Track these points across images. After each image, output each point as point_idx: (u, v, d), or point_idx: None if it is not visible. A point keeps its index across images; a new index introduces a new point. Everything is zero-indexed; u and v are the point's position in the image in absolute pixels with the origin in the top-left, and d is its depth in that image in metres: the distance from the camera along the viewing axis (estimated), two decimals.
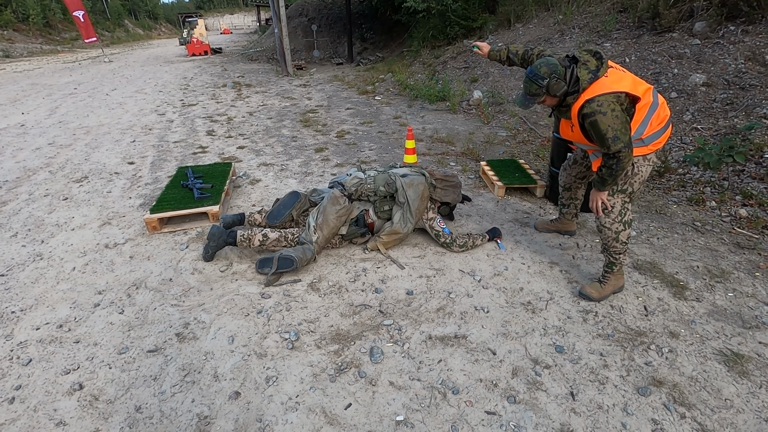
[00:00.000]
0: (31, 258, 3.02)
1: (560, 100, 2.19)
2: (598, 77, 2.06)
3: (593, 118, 2.00)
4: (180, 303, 2.50)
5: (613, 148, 2.00)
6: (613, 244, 2.32)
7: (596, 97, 2.02)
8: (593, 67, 2.07)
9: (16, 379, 1.99)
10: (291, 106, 7.82)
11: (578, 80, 2.08)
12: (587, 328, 2.22)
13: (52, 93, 9.95)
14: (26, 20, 26.31)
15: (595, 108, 2.00)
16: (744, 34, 4.76)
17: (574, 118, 2.16)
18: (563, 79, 2.10)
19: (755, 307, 2.32)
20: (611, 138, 1.99)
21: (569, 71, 2.11)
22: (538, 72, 2.12)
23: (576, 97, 2.11)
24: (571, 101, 2.14)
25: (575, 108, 2.12)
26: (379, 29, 15.72)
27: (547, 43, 7.10)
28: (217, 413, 1.80)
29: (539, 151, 4.74)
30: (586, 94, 2.06)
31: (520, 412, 1.78)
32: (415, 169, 3.04)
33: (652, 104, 2.12)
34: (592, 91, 2.04)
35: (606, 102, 2.00)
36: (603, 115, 1.98)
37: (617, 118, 1.99)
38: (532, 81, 2.15)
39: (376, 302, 2.46)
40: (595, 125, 2.01)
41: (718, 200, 3.37)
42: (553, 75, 2.10)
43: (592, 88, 2.05)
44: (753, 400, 1.79)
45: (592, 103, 2.02)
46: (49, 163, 5.05)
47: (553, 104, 2.26)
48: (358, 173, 3.02)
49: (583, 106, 2.06)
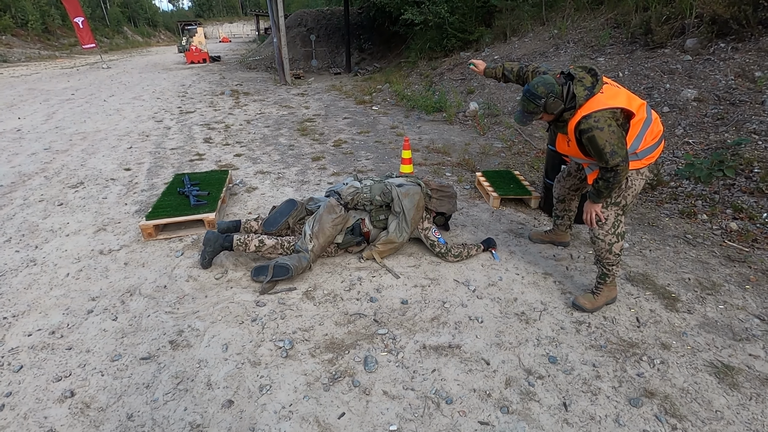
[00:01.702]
0: (25, 263, 3.01)
1: (557, 116, 2.23)
2: (594, 93, 2.10)
3: (591, 134, 2.05)
4: (174, 310, 2.49)
5: (611, 162, 2.04)
6: (606, 255, 2.34)
7: (593, 113, 2.06)
8: (589, 83, 2.11)
9: (7, 386, 1.98)
10: (288, 115, 7.86)
11: (575, 97, 2.12)
12: (580, 339, 2.24)
13: (50, 98, 9.95)
14: (25, 25, 26.38)
15: (592, 124, 2.04)
16: (734, 51, 4.87)
17: (570, 133, 2.20)
18: (560, 98, 2.15)
19: (745, 320, 2.35)
20: (609, 152, 2.03)
21: (565, 88, 2.15)
22: (536, 91, 2.16)
23: (573, 113, 2.15)
24: (568, 117, 2.18)
25: (572, 123, 2.15)
26: (377, 40, 15.90)
27: (543, 56, 7.21)
28: (210, 422, 1.79)
29: (534, 162, 4.79)
30: (582, 110, 2.10)
31: (513, 422, 1.78)
32: (411, 179, 3.06)
33: (646, 120, 2.17)
34: (589, 107, 2.08)
35: (603, 118, 2.04)
36: (600, 130, 2.02)
37: (614, 133, 2.03)
38: (530, 100, 2.18)
39: (370, 311, 2.47)
40: (592, 140, 2.05)
41: (710, 213, 3.41)
42: (550, 94, 2.13)
43: (589, 104, 2.09)
44: (743, 412, 1.81)
45: (589, 119, 2.06)
46: (45, 168, 5.04)
47: (550, 120, 2.30)
48: (354, 182, 3.04)
49: (580, 122, 2.10)
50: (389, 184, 2.96)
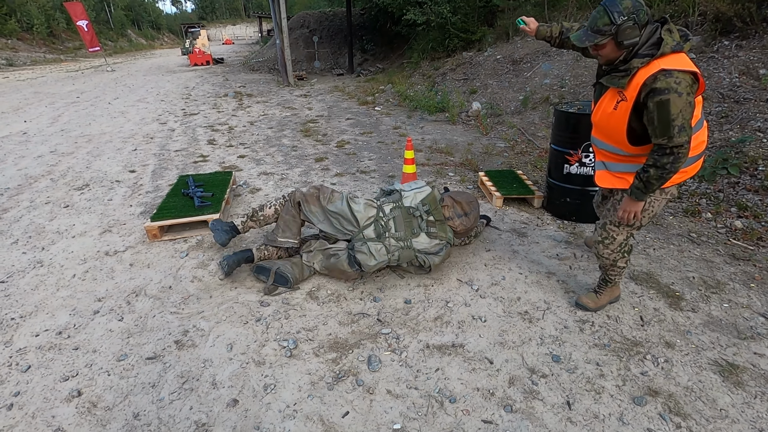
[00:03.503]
0: (32, 265, 3.04)
1: (621, 57, 1.78)
2: (681, 50, 1.67)
3: (666, 97, 1.61)
4: (179, 310, 2.51)
5: (677, 140, 1.65)
6: (610, 269, 2.29)
7: (675, 71, 1.62)
8: (678, 39, 1.69)
9: (15, 386, 2.00)
10: (292, 116, 7.89)
11: (658, 43, 1.67)
12: (584, 338, 2.23)
13: (55, 101, 10.03)
14: (30, 29, 26.62)
15: (671, 84, 1.61)
16: (738, 49, 4.84)
17: (632, 89, 1.74)
18: (641, 29, 1.69)
19: (750, 318, 2.34)
20: (678, 127, 1.62)
21: (652, 28, 1.70)
22: (619, 4, 1.68)
23: (645, 62, 1.69)
24: (638, 65, 1.71)
25: (642, 76, 1.70)
26: (379, 41, 15.91)
27: (545, 56, 7.20)
28: (215, 421, 1.81)
29: (537, 162, 4.79)
30: (662, 62, 1.64)
31: (516, 421, 1.79)
32: (435, 214, 2.71)
33: (699, 120, 1.84)
34: (671, 62, 1.63)
35: (684, 81, 1.62)
36: (678, 95, 1.60)
37: (690, 105, 1.63)
38: (607, 12, 1.70)
39: (374, 311, 2.48)
40: (664, 106, 1.62)
41: (714, 212, 3.40)
42: (632, 16, 1.66)
43: (672, 58, 1.65)
44: (748, 411, 1.81)
45: (669, 77, 1.62)
46: (51, 170, 5.09)
47: (608, 58, 1.82)
48: (370, 208, 2.66)
49: (657, 77, 1.64)
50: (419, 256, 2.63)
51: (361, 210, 2.64)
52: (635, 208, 1.90)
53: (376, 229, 2.61)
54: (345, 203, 2.66)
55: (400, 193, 2.79)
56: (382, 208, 2.68)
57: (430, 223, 2.71)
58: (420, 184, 2.86)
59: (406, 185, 2.88)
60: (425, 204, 2.72)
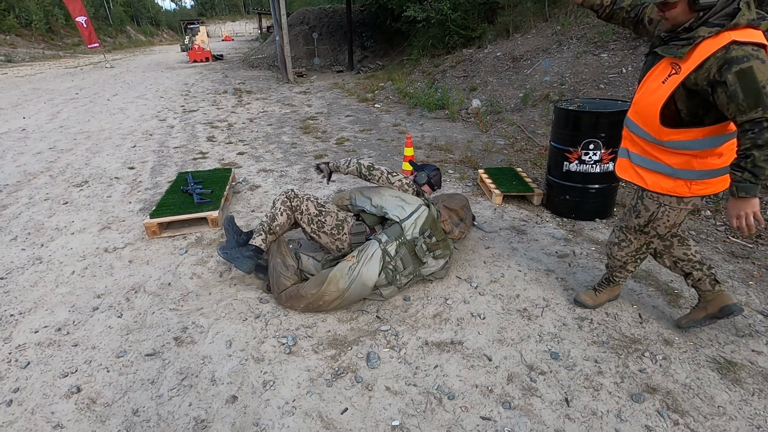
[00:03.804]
0: (31, 261, 3.04)
1: (688, 23, 1.60)
2: (758, 25, 1.52)
3: (748, 64, 1.45)
4: (178, 307, 2.51)
5: None
6: (618, 270, 2.27)
7: (749, 42, 1.48)
8: (755, 15, 1.54)
9: (14, 382, 2.00)
10: (291, 113, 7.87)
11: (733, 14, 1.51)
12: (582, 335, 2.24)
13: (54, 98, 10.01)
14: (29, 25, 26.53)
15: (750, 52, 1.46)
16: None
17: (690, 61, 1.58)
18: None
19: (748, 316, 2.34)
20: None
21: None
22: None
23: (714, 33, 1.53)
24: (703, 34, 1.55)
25: (706, 47, 1.54)
26: (379, 38, 15.87)
27: (546, 53, 7.18)
28: (214, 417, 1.81)
29: (537, 159, 4.78)
30: (734, 33, 1.50)
31: (515, 417, 1.79)
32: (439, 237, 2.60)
33: None
34: (744, 35, 1.50)
35: (763, 52, 1.49)
36: (762, 62, 1.45)
37: None
38: None
39: (373, 308, 2.48)
40: (748, 75, 1.45)
41: (713, 210, 3.40)
42: None
43: (745, 32, 1.51)
44: (745, 408, 1.81)
45: (746, 46, 1.48)
46: (50, 167, 5.08)
47: (675, 22, 1.64)
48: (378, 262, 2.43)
49: (730, 47, 1.49)
50: (428, 277, 2.60)
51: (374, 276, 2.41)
52: (749, 208, 1.56)
53: (387, 277, 2.45)
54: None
55: (400, 225, 2.50)
56: (387, 251, 2.44)
57: (434, 246, 2.56)
58: (414, 205, 2.57)
59: (400, 211, 2.55)
60: (426, 229, 2.53)
